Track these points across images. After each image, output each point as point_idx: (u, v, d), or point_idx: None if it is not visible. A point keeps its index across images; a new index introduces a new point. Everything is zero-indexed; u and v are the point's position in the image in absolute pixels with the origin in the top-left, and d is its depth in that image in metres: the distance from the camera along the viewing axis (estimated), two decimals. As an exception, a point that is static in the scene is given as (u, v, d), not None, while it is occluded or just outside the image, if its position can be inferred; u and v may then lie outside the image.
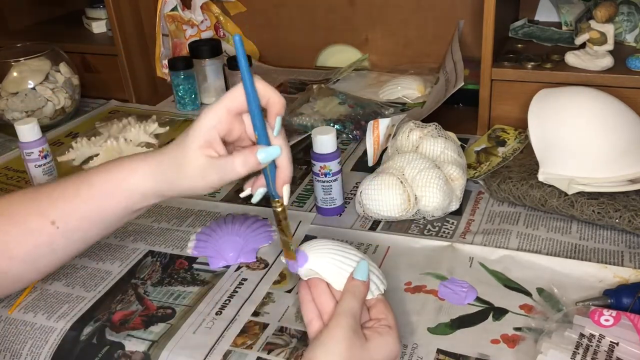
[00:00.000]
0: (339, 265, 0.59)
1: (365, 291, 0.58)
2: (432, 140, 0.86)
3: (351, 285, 0.58)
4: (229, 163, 0.57)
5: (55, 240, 0.60)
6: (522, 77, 0.99)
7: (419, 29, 1.28)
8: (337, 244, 0.61)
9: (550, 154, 0.82)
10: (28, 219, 0.60)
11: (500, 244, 0.77)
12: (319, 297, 0.58)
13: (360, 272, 0.58)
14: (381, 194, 0.81)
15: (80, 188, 0.60)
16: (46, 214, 0.60)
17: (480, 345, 0.62)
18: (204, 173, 0.58)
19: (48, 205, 0.60)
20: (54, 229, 0.60)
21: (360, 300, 0.57)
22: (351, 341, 0.53)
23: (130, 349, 0.66)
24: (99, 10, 1.41)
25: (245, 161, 0.57)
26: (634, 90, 0.92)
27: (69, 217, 0.60)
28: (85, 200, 0.60)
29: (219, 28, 1.40)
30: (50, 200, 0.60)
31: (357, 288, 0.57)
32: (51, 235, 0.60)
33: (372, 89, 1.25)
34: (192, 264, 0.78)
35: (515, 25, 1.18)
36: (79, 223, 0.60)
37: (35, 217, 0.60)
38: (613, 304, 0.64)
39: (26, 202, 0.61)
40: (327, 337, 0.53)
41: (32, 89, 1.19)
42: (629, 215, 0.75)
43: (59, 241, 0.61)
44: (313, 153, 0.82)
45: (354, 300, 0.56)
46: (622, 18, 1.05)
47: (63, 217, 0.60)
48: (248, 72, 0.54)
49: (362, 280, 0.58)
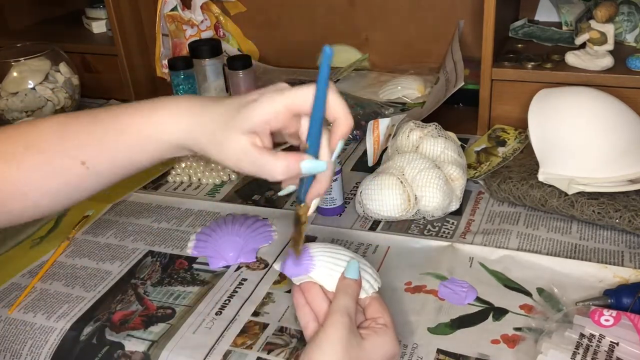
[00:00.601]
0: (330, 267, 0.59)
1: (357, 289, 0.58)
2: (432, 140, 0.86)
3: (343, 284, 0.58)
4: (270, 164, 0.53)
5: (85, 180, 0.59)
6: (522, 77, 0.99)
7: (419, 29, 1.28)
8: (327, 245, 0.61)
9: (550, 154, 0.82)
10: (59, 157, 0.58)
11: (500, 244, 0.77)
12: (313, 301, 0.58)
13: (351, 271, 0.58)
14: (381, 194, 0.81)
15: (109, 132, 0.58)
16: (76, 154, 0.58)
17: (480, 345, 0.62)
18: (240, 157, 0.54)
19: (78, 146, 0.58)
20: (84, 169, 0.58)
21: (354, 298, 0.57)
22: (347, 341, 0.53)
23: (130, 349, 0.66)
24: (99, 10, 1.41)
25: (288, 169, 0.52)
26: (634, 90, 0.92)
27: (98, 159, 0.58)
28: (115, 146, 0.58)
29: (219, 28, 1.40)
30: (79, 141, 0.58)
31: (349, 286, 0.57)
32: (81, 175, 0.58)
33: (372, 89, 1.25)
34: (192, 264, 0.78)
35: (515, 25, 1.18)
36: (108, 166, 0.59)
37: (66, 157, 0.58)
38: (613, 304, 0.64)
39: (56, 140, 0.59)
40: (323, 338, 0.53)
41: (32, 89, 1.19)
42: (629, 215, 0.75)
43: (88, 181, 0.59)
44: (313, 153, 0.82)
45: (346, 298, 0.56)
46: (622, 18, 1.05)
47: (93, 159, 0.58)
48: (326, 79, 0.51)
49: (353, 279, 0.58)
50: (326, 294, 0.58)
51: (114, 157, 0.58)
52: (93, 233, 0.86)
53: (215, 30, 1.39)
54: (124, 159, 0.59)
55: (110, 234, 0.86)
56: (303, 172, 0.53)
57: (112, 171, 0.59)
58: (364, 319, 0.58)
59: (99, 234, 0.86)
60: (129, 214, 0.90)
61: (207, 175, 0.97)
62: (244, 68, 1.20)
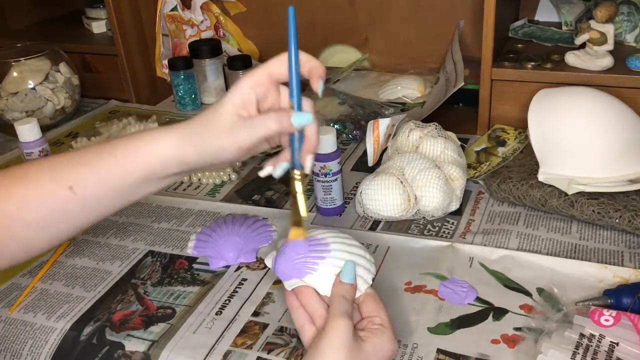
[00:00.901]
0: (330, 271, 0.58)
1: (353, 293, 0.58)
2: (432, 140, 0.86)
3: (340, 288, 0.57)
4: (262, 119, 0.57)
5: (71, 206, 0.58)
6: (522, 77, 0.99)
7: (419, 29, 1.28)
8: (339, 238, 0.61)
9: (550, 154, 0.82)
10: (45, 183, 0.58)
11: (500, 244, 0.77)
12: (307, 303, 0.57)
13: (346, 275, 0.58)
14: (381, 194, 0.81)
15: (102, 154, 0.59)
16: (64, 178, 0.58)
17: (480, 345, 0.62)
18: (233, 130, 0.57)
19: (66, 170, 0.59)
20: (71, 194, 0.58)
21: (351, 302, 0.57)
22: (350, 346, 0.53)
23: (130, 349, 0.66)
24: (99, 10, 1.41)
25: (280, 119, 0.57)
26: (634, 90, 0.92)
27: (87, 182, 0.58)
28: (106, 164, 0.58)
29: (219, 28, 1.40)
30: (69, 166, 0.59)
31: (346, 291, 0.57)
32: (67, 201, 0.58)
33: (372, 89, 1.25)
34: (192, 264, 0.78)
35: (515, 25, 1.18)
36: (96, 189, 0.59)
37: (52, 182, 0.58)
38: (613, 304, 0.64)
39: (44, 168, 0.59)
40: (326, 345, 0.53)
41: (32, 89, 1.19)
42: (629, 215, 0.75)
43: (74, 208, 0.59)
44: (313, 153, 0.82)
45: (345, 303, 0.56)
46: (622, 18, 1.05)
47: (81, 182, 0.58)
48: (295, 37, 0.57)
49: (349, 283, 0.57)
50: (320, 296, 0.58)
51: (105, 179, 0.58)
52: (93, 233, 0.86)
53: (215, 30, 1.39)
54: (111, 177, 0.58)
55: (110, 234, 0.86)
56: (294, 123, 0.57)
57: (98, 194, 0.59)
58: (360, 317, 0.58)
59: (99, 234, 0.86)
60: (129, 214, 0.90)
61: (207, 175, 0.97)
62: (244, 68, 1.20)
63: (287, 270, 0.59)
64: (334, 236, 0.61)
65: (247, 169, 1.00)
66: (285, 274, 0.59)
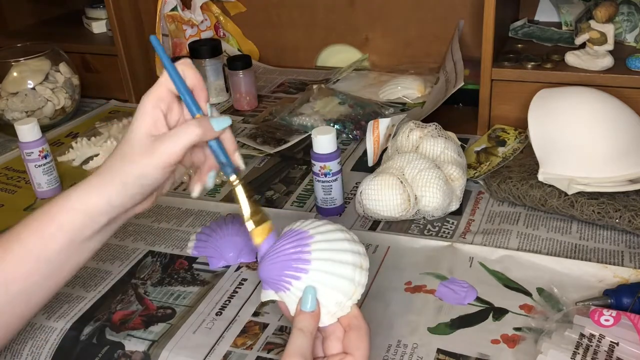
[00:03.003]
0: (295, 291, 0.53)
1: (314, 323, 0.51)
2: (432, 140, 0.86)
3: (298, 319, 0.51)
4: (184, 127, 0.56)
5: None
6: (522, 77, 0.99)
7: (419, 29, 1.28)
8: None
9: (550, 154, 0.82)
10: None
11: (500, 244, 0.77)
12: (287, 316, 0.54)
13: (306, 302, 0.51)
14: (381, 194, 0.81)
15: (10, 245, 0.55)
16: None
17: (480, 345, 0.62)
18: (154, 149, 0.55)
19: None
20: None
21: (310, 335, 0.50)
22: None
23: (130, 348, 0.66)
24: (99, 10, 1.41)
25: (200, 123, 0.56)
26: (634, 90, 0.92)
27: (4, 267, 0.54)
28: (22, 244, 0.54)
29: (219, 28, 1.40)
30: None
31: (305, 321, 0.51)
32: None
33: (372, 89, 1.25)
34: (192, 264, 0.78)
35: (515, 25, 1.18)
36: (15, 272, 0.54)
37: None
38: (613, 304, 0.64)
39: None
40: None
41: (32, 89, 1.19)
42: (629, 215, 0.75)
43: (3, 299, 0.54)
44: (313, 153, 0.82)
45: (300, 338, 0.49)
46: (622, 18, 1.05)
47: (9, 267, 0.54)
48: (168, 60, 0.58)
49: (310, 312, 0.51)
50: None
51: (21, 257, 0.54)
52: (93, 233, 0.86)
53: (215, 30, 1.39)
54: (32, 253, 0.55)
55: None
56: (216, 128, 0.57)
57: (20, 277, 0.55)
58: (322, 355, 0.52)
59: (99, 234, 0.86)
60: (129, 214, 0.90)
61: (207, 175, 0.97)
62: (244, 68, 1.20)
63: (266, 278, 0.56)
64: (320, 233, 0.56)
65: (247, 169, 1.00)
66: (264, 281, 0.56)
